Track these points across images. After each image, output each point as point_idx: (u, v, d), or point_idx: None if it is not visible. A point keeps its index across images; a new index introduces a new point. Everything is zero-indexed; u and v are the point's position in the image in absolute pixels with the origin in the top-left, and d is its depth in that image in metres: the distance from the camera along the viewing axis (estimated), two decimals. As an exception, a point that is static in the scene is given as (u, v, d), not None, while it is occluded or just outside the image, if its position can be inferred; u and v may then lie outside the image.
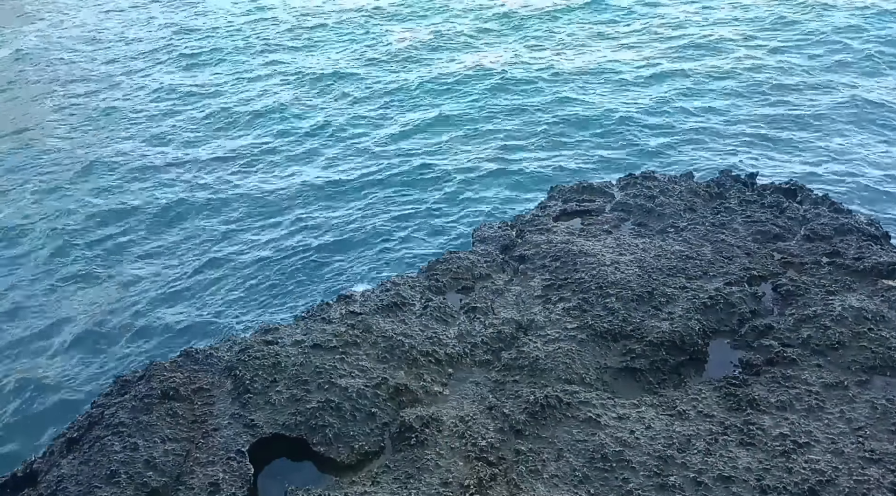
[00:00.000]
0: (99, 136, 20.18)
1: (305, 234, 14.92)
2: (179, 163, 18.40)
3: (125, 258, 14.71)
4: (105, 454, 6.02)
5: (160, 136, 19.92)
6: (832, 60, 20.94)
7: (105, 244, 15.22)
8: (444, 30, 26.06)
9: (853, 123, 17.54)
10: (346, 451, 6.12)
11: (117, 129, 20.59)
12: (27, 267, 14.64)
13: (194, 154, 18.79)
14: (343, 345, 7.32)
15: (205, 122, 20.51)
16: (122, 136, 20.11)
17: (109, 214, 16.30)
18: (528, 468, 5.89)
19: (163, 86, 23.25)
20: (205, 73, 23.66)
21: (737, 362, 7.34)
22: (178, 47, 26.49)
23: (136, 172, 18.09)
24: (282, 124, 20.08)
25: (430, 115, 19.84)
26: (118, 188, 17.44)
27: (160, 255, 14.79)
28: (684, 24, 24.87)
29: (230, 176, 17.61)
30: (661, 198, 10.56)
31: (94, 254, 14.90)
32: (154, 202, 16.66)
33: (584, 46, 23.92)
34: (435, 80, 22.03)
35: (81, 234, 15.48)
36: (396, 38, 25.63)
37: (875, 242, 9.21)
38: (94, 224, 15.94)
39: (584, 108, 19.62)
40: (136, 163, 18.55)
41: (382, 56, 24.17)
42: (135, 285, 13.82)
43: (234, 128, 20.12)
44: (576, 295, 8.26)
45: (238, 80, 23.33)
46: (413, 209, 15.61)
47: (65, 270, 14.39)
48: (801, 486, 5.62)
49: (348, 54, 24.50)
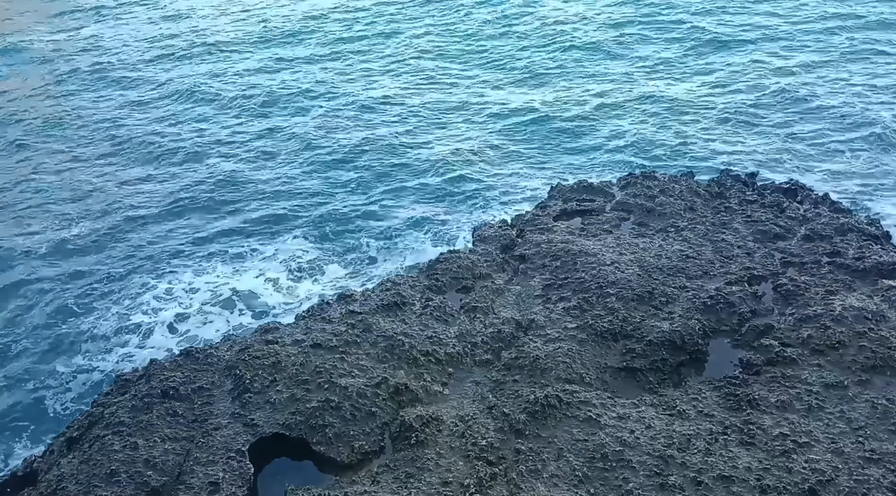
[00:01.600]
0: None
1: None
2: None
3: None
4: (105, 453, 6.02)
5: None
6: (835, 59, 20.93)
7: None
8: (445, 31, 26.05)
9: (854, 123, 17.54)
10: (346, 451, 6.12)
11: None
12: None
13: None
14: (343, 345, 7.31)
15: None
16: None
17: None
18: (528, 467, 5.89)
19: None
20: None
21: (737, 362, 7.33)
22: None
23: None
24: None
25: (431, 114, 19.84)
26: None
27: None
28: (685, 24, 24.86)
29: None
30: (661, 197, 10.55)
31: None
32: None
33: (584, 46, 23.91)
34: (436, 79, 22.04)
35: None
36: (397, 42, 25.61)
37: (875, 242, 9.21)
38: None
39: (585, 107, 19.62)
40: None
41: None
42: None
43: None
44: (576, 294, 8.26)
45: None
46: (412, 207, 15.62)
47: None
48: (801, 486, 5.61)
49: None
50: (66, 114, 21.67)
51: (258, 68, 24.02)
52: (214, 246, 14.86)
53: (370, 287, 9.24)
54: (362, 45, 25.45)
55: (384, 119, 20.02)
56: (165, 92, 22.69)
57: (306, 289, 13.31)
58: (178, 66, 24.73)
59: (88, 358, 12.17)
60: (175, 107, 21.66)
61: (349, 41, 25.80)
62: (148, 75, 24.16)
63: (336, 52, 24.93)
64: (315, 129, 19.77)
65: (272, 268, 14.03)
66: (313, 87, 22.39)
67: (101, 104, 22.04)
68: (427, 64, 23.68)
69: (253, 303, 13.11)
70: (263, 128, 20.02)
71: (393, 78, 22.78)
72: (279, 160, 18.37)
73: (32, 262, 14.75)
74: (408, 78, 22.65)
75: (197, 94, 22.28)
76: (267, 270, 13.93)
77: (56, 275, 14.29)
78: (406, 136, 18.92)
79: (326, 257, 14.27)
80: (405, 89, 21.77)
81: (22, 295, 13.84)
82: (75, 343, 12.52)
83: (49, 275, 14.26)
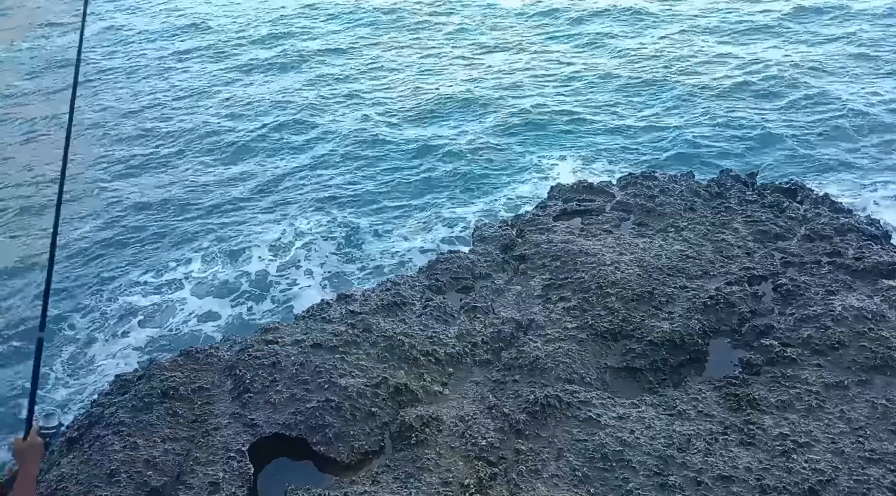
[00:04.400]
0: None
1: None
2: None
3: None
4: (105, 453, 6.02)
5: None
6: (836, 58, 20.94)
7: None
8: (449, 32, 26.06)
9: (854, 122, 17.54)
10: (346, 451, 6.11)
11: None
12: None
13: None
14: (343, 345, 7.31)
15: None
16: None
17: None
18: (528, 468, 5.89)
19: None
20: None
21: (737, 362, 7.33)
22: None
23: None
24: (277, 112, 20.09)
25: (430, 114, 19.84)
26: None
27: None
28: (685, 22, 24.87)
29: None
30: (661, 197, 10.56)
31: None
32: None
33: (584, 45, 23.93)
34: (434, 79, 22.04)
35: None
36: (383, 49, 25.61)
37: (875, 242, 9.21)
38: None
39: (585, 107, 19.62)
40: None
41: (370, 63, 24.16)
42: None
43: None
44: (576, 294, 8.26)
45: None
46: (412, 205, 15.62)
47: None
48: (801, 486, 5.61)
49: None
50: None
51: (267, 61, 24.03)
52: (213, 247, 14.86)
53: (370, 287, 9.24)
54: (372, 40, 25.46)
55: (385, 118, 20.02)
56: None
57: (306, 288, 13.31)
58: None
59: (88, 357, 12.16)
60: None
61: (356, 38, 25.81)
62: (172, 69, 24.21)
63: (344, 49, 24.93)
64: (310, 127, 19.79)
65: (272, 265, 14.04)
66: (312, 85, 22.40)
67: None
68: (427, 62, 23.70)
69: (253, 303, 13.11)
70: (260, 126, 20.03)
71: (390, 73, 22.79)
72: (279, 158, 18.38)
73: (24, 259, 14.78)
74: (404, 75, 22.66)
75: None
76: (268, 268, 13.93)
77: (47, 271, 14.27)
78: (406, 136, 18.91)
79: (326, 257, 14.27)
80: (400, 85, 21.77)
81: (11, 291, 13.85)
82: (73, 342, 12.52)
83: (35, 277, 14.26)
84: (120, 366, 11.63)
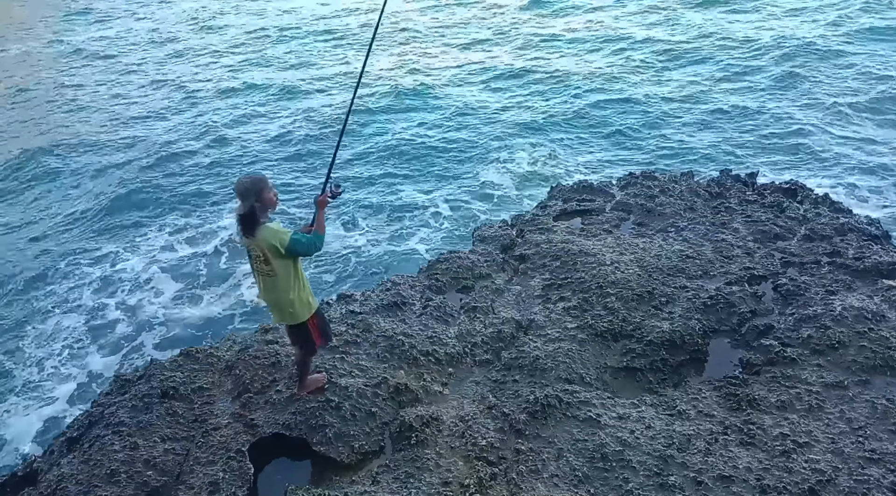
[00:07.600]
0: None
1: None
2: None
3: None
4: (105, 453, 6.02)
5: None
6: (837, 57, 20.93)
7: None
8: (440, 26, 26.05)
9: (855, 122, 17.53)
10: (346, 451, 6.11)
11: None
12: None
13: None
14: (343, 345, 7.31)
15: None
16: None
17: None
18: (528, 468, 5.88)
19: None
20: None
21: (737, 362, 7.33)
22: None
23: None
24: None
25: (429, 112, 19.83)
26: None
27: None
28: (684, 21, 24.85)
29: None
30: (661, 197, 10.56)
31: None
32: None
33: (584, 46, 23.92)
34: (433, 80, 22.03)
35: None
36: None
37: (875, 242, 9.21)
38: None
39: (584, 107, 19.60)
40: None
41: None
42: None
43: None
44: (576, 294, 8.26)
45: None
46: (411, 204, 15.61)
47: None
48: (801, 486, 5.61)
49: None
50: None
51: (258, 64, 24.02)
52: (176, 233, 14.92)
53: (370, 287, 9.23)
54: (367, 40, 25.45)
55: (384, 117, 20.02)
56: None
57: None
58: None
59: (87, 357, 12.16)
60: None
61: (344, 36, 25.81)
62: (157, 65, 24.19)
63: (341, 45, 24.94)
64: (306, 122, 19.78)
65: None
66: (315, 82, 22.40)
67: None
68: (427, 60, 23.69)
69: (252, 302, 13.12)
70: (255, 122, 20.02)
71: (385, 70, 22.78)
72: (278, 158, 18.36)
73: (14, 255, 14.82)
74: (399, 73, 22.66)
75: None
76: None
77: (44, 267, 14.35)
78: (403, 133, 18.90)
79: (326, 256, 14.27)
80: (398, 83, 21.76)
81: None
82: (71, 341, 12.52)
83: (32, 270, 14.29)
84: (123, 364, 11.65)
